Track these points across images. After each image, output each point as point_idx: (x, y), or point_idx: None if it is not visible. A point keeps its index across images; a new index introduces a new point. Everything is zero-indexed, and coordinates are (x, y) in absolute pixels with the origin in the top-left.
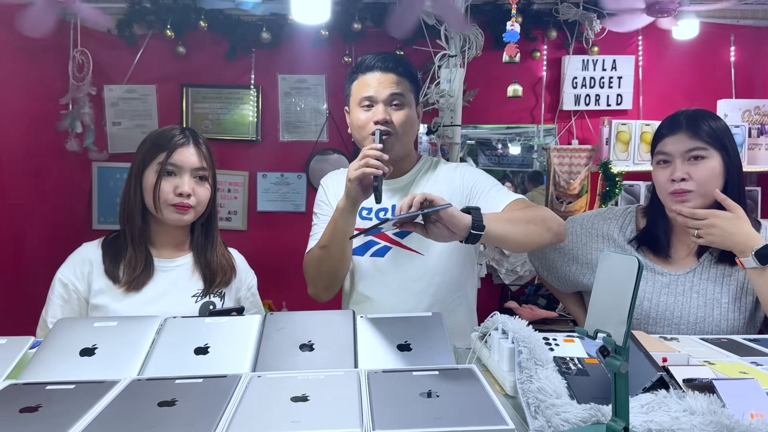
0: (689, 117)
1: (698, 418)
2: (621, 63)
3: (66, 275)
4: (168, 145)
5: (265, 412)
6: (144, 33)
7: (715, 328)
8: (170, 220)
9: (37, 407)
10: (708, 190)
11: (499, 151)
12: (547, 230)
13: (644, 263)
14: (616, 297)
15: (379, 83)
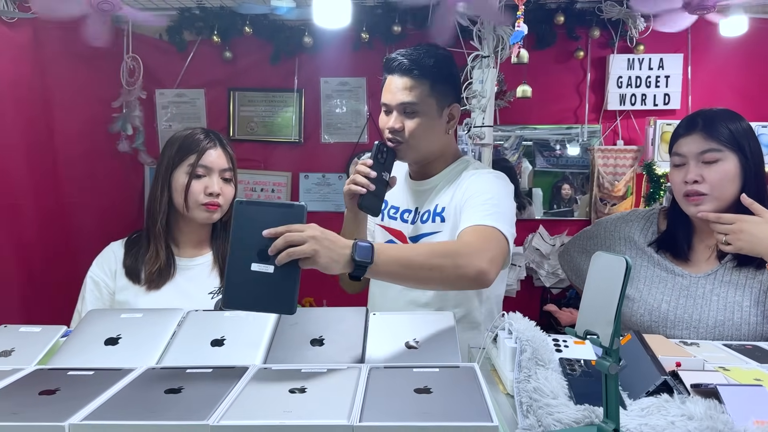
0: (706, 118)
1: (695, 423)
2: (669, 61)
3: (96, 273)
4: (197, 148)
5: (262, 401)
6: (193, 39)
7: (735, 333)
8: (200, 219)
9: (56, 390)
10: (722, 193)
11: (557, 152)
12: (457, 276)
13: (662, 263)
14: (605, 297)
15: (396, 88)
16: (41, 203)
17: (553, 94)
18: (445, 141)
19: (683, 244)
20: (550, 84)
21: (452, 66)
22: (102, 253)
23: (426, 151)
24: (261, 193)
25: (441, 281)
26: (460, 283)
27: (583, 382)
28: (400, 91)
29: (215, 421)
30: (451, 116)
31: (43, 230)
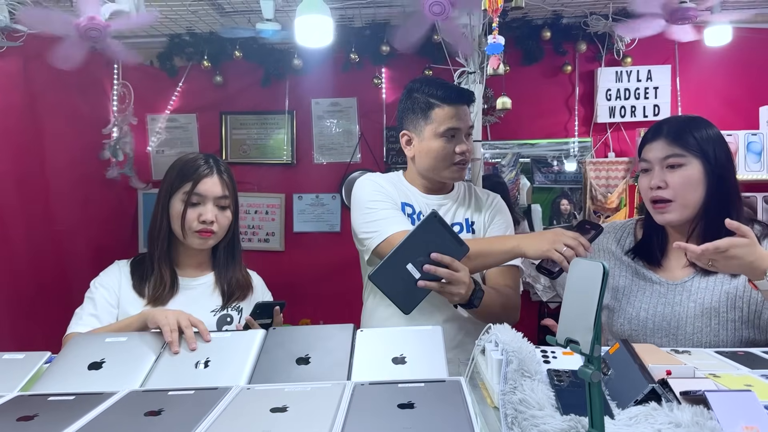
0: (671, 124)
1: (682, 430)
2: (656, 73)
3: (105, 281)
4: (193, 176)
5: (242, 421)
6: (184, 64)
7: (713, 338)
8: (194, 245)
9: (34, 416)
10: (686, 198)
11: (555, 168)
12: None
13: (640, 272)
14: (584, 304)
15: (465, 115)
16: (33, 231)
17: (543, 108)
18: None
19: (656, 251)
20: (540, 99)
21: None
22: (108, 268)
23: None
24: (255, 215)
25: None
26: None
27: (571, 392)
28: (467, 116)
29: None
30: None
31: (34, 258)
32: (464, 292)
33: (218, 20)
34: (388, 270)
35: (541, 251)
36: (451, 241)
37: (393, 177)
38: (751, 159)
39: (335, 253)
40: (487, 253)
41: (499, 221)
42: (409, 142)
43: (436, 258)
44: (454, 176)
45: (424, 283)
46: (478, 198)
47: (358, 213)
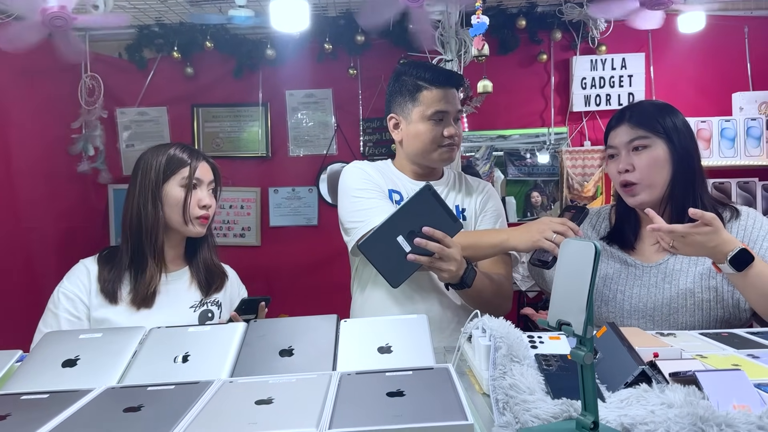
0: (634, 108)
1: (674, 410)
2: (631, 61)
3: (69, 289)
4: (189, 161)
5: (226, 414)
6: (153, 56)
7: (689, 319)
8: (193, 233)
9: (6, 416)
10: (653, 179)
11: (528, 161)
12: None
13: (616, 255)
14: (576, 285)
15: (453, 98)
16: (0, 228)
17: (519, 98)
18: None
19: (630, 234)
20: (516, 88)
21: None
22: (74, 270)
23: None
24: (230, 210)
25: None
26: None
27: (560, 376)
28: (455, 99)
29: None
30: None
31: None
32: (455, 269)
33: (188, 10)
34: (377, 240)
35: (531, 242)
36: (444, 216)
37: (381, 164)
38: (724, 145)
39: (313, 247)
40: (476, 246)
41: (491, 208)
42: (397, 125)
43: (428, 232)
44: (443, 158)
45: (414, 257)
46: (468, 185)
47: (344, 202)
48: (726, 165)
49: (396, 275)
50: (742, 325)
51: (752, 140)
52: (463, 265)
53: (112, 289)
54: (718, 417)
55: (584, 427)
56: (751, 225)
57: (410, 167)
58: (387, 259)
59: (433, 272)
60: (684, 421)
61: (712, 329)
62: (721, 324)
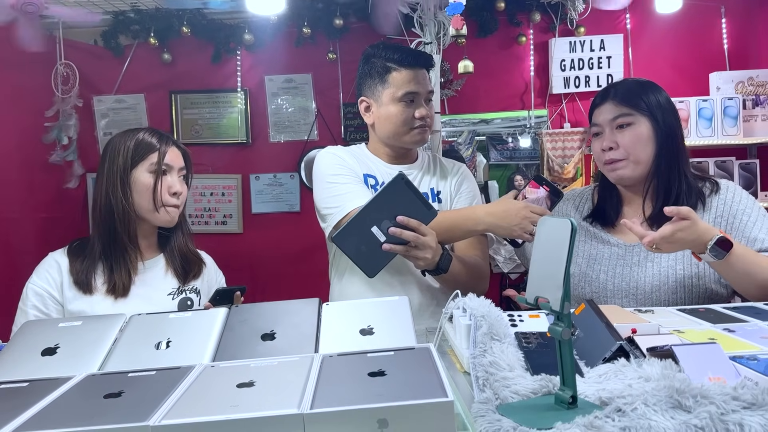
0: (618, 86)
1: (651, 383)
2: (609, 42)
3: (39, 284)
4: (158, 146)
5: (207, 398)
6: (129, 43)
7: (671, 296)
8: (162, 221)
9: None
10: (638, 155)
11: (510, 145)
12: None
13: (598, 235)
14: (553, 262)
15: (423, 79)
16: None
17: (499, 81)
18: None
19: (611, 213)
20: (495, 71)
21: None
22: (43, 264)
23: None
24: (211, 198)
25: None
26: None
27: (540, 353)
28: (426, 81)
29: (156, 421)
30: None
31: None
32: (430, 256)
33: None
34: (351, 232)
35: (510, 234)
36: (418, 205)
37: (355, 149)
38: (702, 125)
39: (296, 234)
40: (453, 230)
41: (466, 190)
42: (368, 108)
43: (402, 221)
44: (415, 140)
45: (389, 247)
46: (443, 167)
47: (319, 188)
48: (703, 144)
49: (371, 266)
50: (724, 301)
51: (729, 120)
52: (438, 252)
53: (85, 279)
54: (694, 389)
55: (563, 402)
56: (731, 199)
57: (384, 150)
58: (361, 250)
59: (409, 260)
60: (660, 393)
61: (683, 295)
62: (704, 301)
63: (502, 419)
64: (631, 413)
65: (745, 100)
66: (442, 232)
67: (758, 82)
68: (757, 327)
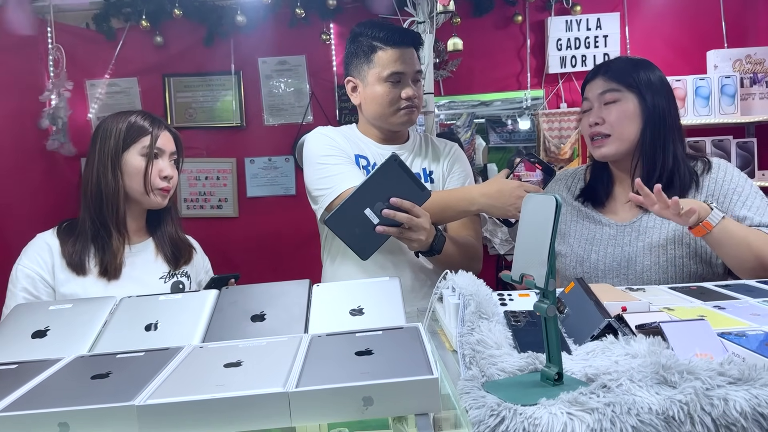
0: (610, 63)
1: (638, 360)
2: (606, 21)
3: (29, 267)
4: (150, 129)
5: (195, 378)
6: (121, 26)
7: (662, 275)
8: (153, 204)
9: None
10: (623, 132)
11: (509, 127)
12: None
13: (590, 215)
14: (537, 239)
15: (408, 58)
16: None
17: (495, 61)
18: None
19: (602, 193)
20: (491, 51)
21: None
22: (32, 245)
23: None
24: (206, 182)
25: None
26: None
27: (528, 331)
28: (413, 60)
29: (142, 401)
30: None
31: None
32: (424, 238)
33: None
34: (344, 214)
35: (506, 216)
36: (411, 186)
37: (345, 129)
38: (699, 104)
39: (292, 217)
40: (446, 210)
41: (458, 170)
42: (355, 89)
43: (396, 203)
44: (401, 121)
45: (383, 229)
46: (435, 147)
47: (310, 169)
48: (700, 123)
49: (365, 248)
50: (716, 280)
51: (726, 98)
52: (432, 233)
53: (79, 260)
54: (680, 365)
55: (549, 378)
56: (722, 177)
57: (373, 131)
58: (355, 232)
59: (403, 242)
60: (647, 369)
61: (674, 274)
62: (695, 279)
63: (486, 396)
64: (617, 389)
65: (742, 78)
66: (435, 213)
67: (756, 60)
68: (748, 304)
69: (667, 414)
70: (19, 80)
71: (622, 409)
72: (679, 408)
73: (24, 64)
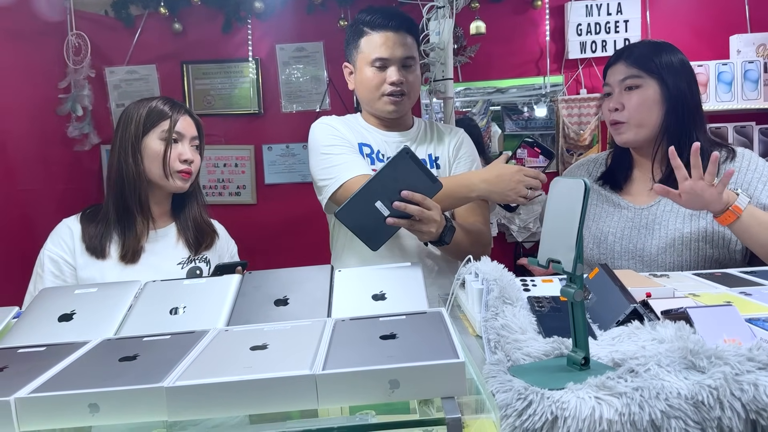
0: (632, 47)
1: (665, 345)
2: (626, 5)
3: (53, 251)
4: (170, 114)
5: (221, 360)
6: (140, 13)
7: (677, 259)
8: (174, 187)
9: (3, 368)
10: (643, 119)
11: (526, 115)
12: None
13: (609, 198)
14: (565, 222)
15: (393, 43)
16: None
17: (514, 47)
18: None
19: (620, 176)
20: (510, 37)
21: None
22: (57, 231)
23: (414, 102)
24: (224, 169)
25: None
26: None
27: (552, 317)
28: (400, 44)
29: (171, 382)
30: (421, 71)
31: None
32: (434, 230)
33: None
34: (355, 207)
35: (505, 199)
36: (423, 178)
37: (349, 118)
38: (721, 89)
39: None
40: (450, 198)
41: (465, 154)
42: (351, 74)
43: (407, 196)
44: (386, 109)
45: (394, 221)
46: (440, 132)
47: (314, 160)
48: (723, 109)
49: (375, 239)
50: (735, 266)
51: (749, 84)
52: (442, 224)
53: (100, 244)
54: (708, 350)
55: (575, 363)
56: (746, 167)
57: (375, 119)
58: (365, 224)
59: (413, 233)
60: (674, 354)
61: (704, 270)
62: (712, 265)
63: (513, 380)
64: (644, 374)
65: (766, 63)
66: (439, 200)
67: None
68: None
69: (696, 399)
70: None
71: (651, 393)
72: (708, 393)
73: (44, 51)
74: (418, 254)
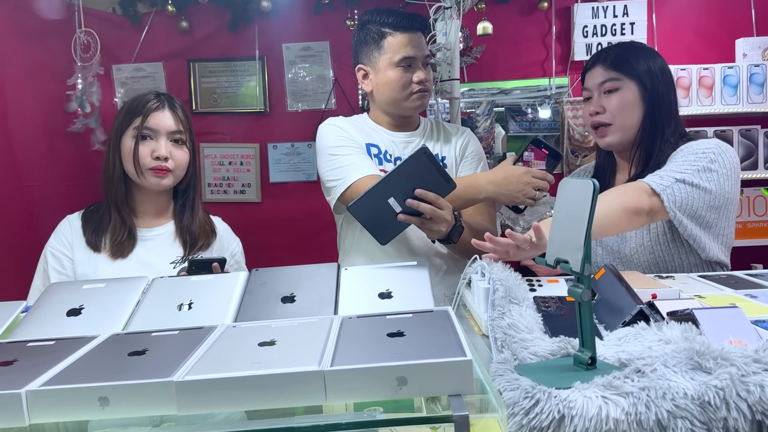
0: (609, 50)
1: (671, 346)
2: (632, 8)
3: (54, 246)
4: (142, 110)
5: (230, 356)
6: (147, 10)
7: (649, 256)
8: (150, 185)
9: (13, 361)
10: (624, 120)
11: (530, 116)
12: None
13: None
14: (574, 223)
15: (418, 43)
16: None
17: (520, 48)
18: None
19: (603, 180)
20: (516, 38)
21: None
22: (59, 227)
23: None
24: (229, 167)
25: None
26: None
27: (558, 317)
28: (422, 44)
29: (180, 377)
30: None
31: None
32: (445, 229)
33: None
34: (369, 202)
35: (512, 201)
36: (438, 178)
37: (356, 119)
38: (727, 92)
39: (314, 203)
40: (456, 198)
41: (472, 153)
42: (366, 76)
43: (421, 194)
44: (415, 106)
45: (405, 218)
46: (446, 132)
47: (322, 161)
48: (728, 113)
49: (384, 234)
50: (704, 264)
51: (755, 87)
52: (452, 224)
53: (94, 240)
54: (714, 351)
55: (582, 363)
56: (680, 150)
57: (385, 118)
58: (376, 219)
59: (423, 231)
60: (681, 355)
61: (662, 254)
62: (682, 260)
63: (520, 378)
64: (651, 374)
65: None
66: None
67: None
68: None
69: (703, 399)
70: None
71: (657, 393)
72: (714, 393)
73: (52, 48)
74: (425, 253)
